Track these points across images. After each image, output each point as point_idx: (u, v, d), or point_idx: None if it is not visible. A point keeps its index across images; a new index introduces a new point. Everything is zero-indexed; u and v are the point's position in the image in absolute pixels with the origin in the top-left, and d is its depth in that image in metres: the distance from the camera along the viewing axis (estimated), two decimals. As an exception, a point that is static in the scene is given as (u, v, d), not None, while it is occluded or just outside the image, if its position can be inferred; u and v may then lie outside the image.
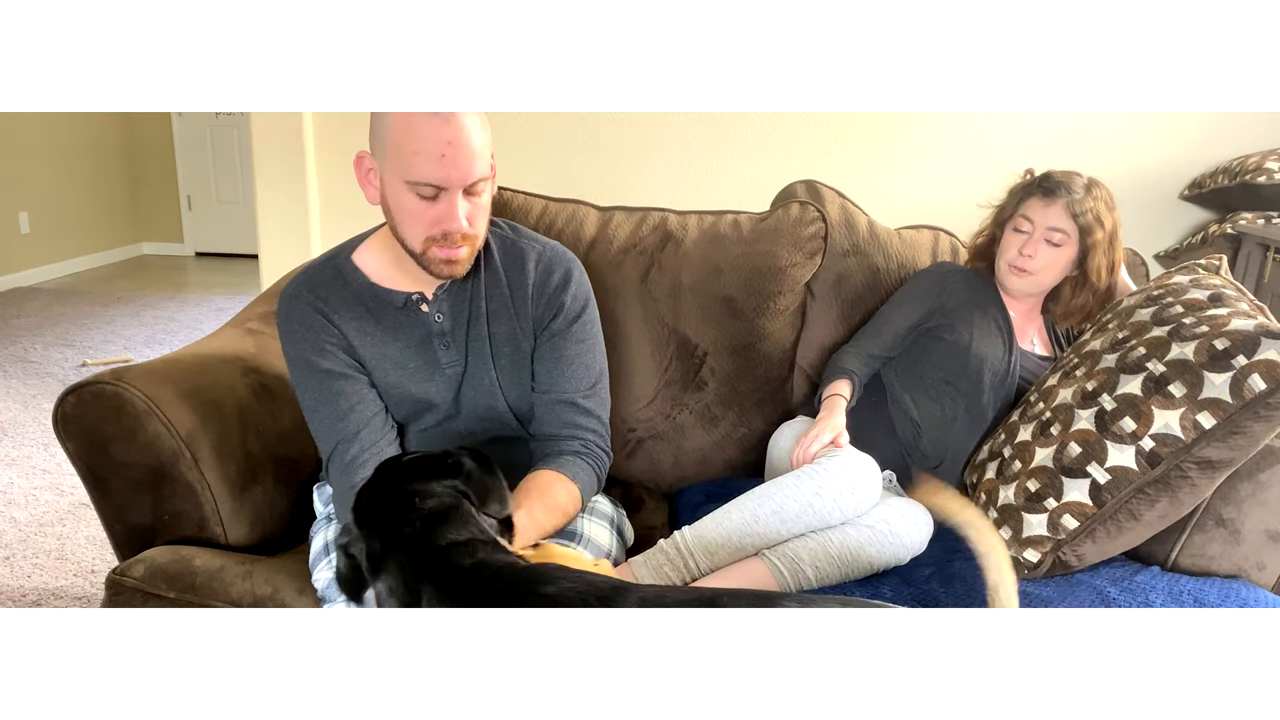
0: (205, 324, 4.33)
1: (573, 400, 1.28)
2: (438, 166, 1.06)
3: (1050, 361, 1.60)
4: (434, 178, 1.07)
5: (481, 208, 1.15)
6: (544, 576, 0.84)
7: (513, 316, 1.27)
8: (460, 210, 1.10)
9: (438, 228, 1.11)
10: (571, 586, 0.82)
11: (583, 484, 1.26)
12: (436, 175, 1.07)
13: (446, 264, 1.15)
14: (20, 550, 2.18)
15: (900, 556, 1.33)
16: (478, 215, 1.14)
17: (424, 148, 1.06)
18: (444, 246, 1.13)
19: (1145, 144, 2.81)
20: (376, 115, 1.11)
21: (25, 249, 5.15)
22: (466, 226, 1.11)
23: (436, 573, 0.85)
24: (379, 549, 0.88)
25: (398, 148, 1.07)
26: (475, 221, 1.14)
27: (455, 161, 1.07)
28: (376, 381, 1.23)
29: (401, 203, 1.11)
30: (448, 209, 1.10)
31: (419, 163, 1.06)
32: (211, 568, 1.18)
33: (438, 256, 1.14)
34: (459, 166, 1.07)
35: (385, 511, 0.90)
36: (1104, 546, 1.28)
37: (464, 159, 1.07)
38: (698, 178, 2.97)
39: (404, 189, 1.09)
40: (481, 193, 1.13)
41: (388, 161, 1.10)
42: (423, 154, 1.06)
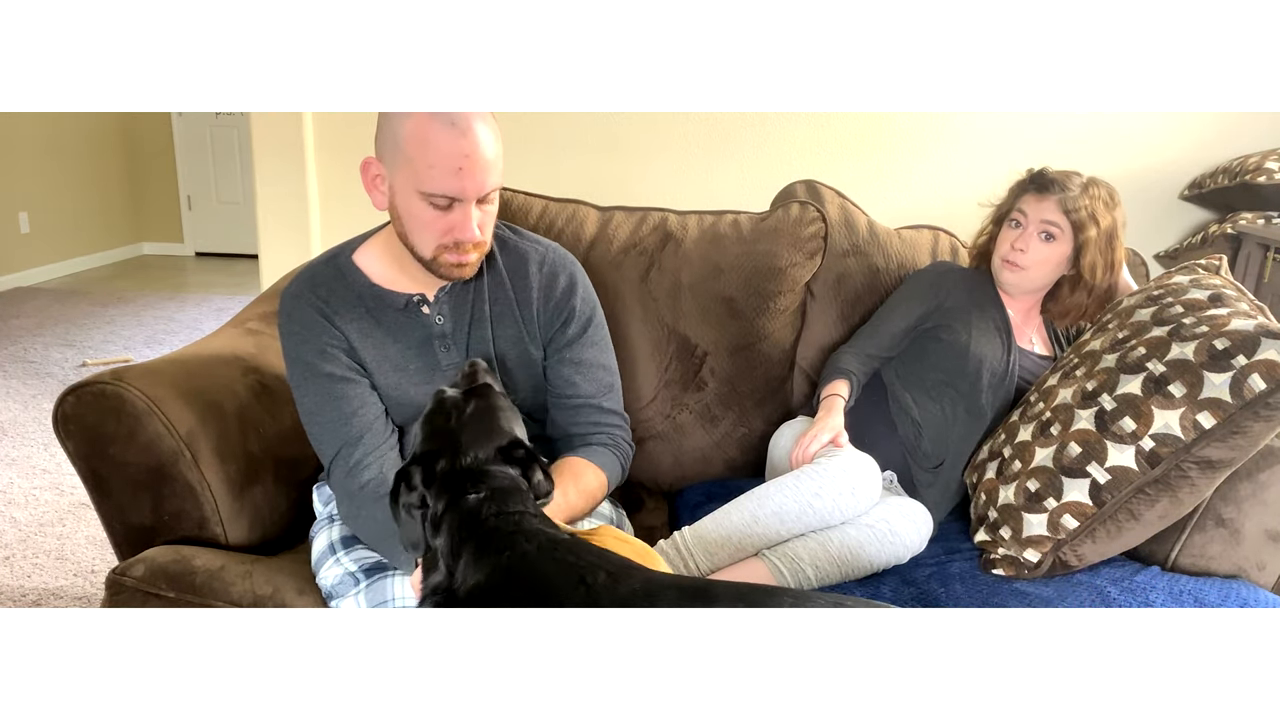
0: (205, 324, 4.33)
1: (596, 404, 1.31)
2: (454, 179, 1.07)
3: (1050, 361, 1.60)
4: (450, 190, 1.08)
5: (490, 215, 1.16)
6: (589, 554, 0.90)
7: (518, 320, 1.27)
8: (474, 220, 1.11)
9: (450, 236, 1.12)
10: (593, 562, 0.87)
11: (610, 472, 1.29)
12: (453, 188, 1.08)
13: (457, 268, 1.16)
14: (20, 550, 2.18)
15: (900, 556, 1.33)
16: (488, 222, 1.16)
17: (440, 160, 1.06)
18: (455, 253, 1.14)
19: (1145, 144, 2.81)
20: (385, 122, 1.10)
21: (25, 249, 5.15)
22: (479, 235, 1.13)
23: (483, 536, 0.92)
24: (441, 510, 0.95)
25: (412, 159, 1.07)
26: (486, 229, 1.15)
27: (472, 174, 1.07)
28: (377, 383, 1.23)
29: (414, 212, 1.12)
30: (462, 219, 1.10)
31: (435, 175, 1.07)
32: (212, 568, 1.18)
33: (449, 261, 1.15)
34: (475, 179, 1.08)
35: (457, 479, 0.96)
36: (1104, 546, 1.28)
37: (480, 171, 1.08)
38: (698, 178, 2.97)
39: (417, 199, 1.10)
40: (493, 200, 1.14)
41: (400, 171, 1.10)
42: (439, 167, 1.06)
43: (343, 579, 1.16)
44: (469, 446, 0.98)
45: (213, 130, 6.07)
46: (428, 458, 0.99)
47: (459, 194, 1.08)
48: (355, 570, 1.16)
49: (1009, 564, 1.32)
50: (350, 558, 1.18)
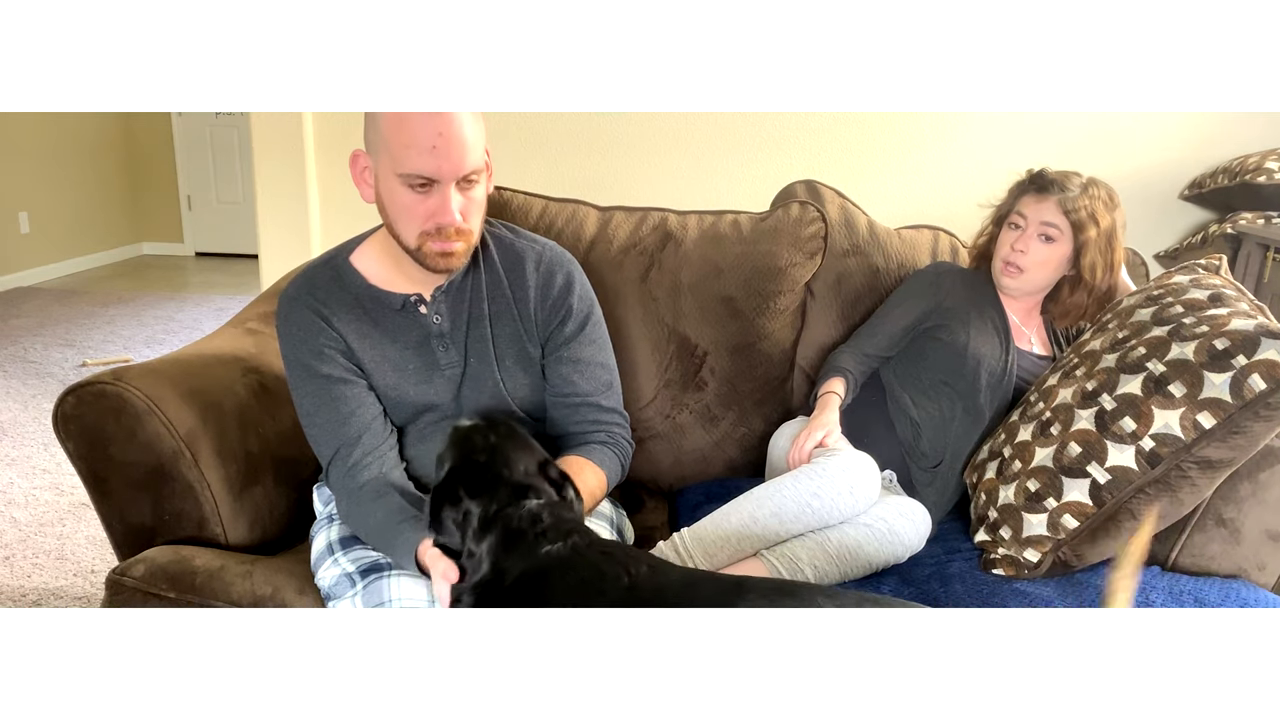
0: (205, 324, 4.33)
1: (595, 402, 1.31)
2: (429, 158, 1.07)
3: (1048, 362, 1.60)
4: (425, 169, 1.07)
5: (476, 203, 1.15)
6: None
7: (516, 318, 1.27)
8: (454, 203, 1.10)
9: (431, 221, 1.11)
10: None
11: (609, 471, 1.28)
12: (428, 167, 1.07)
13: (442, 257, 1.14)
14: (20, 550, 2.18)
15: (898, 555, 1.33)
16: (472, 210, 1.14)
17: (415, 140, 1.06)
18: (438, 240, 1.13)
19: (1145, 144, 2.81)
20: (370, 112, 1.11)
21: (25, 249, 5.15)
22: (460, 220, 1.11)
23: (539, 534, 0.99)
24: (493, 513, 1.01)
25: (389, 141, 1.08)
26: (469, 216, 1.14)
27: (447, 153, 1.07)
28: (375, 384, 1.23)
29: (395, 197, 1.11)
30: (440, 202, 1.10)
31: (410, 155, 1.07)
32: (212, 568, 1.18)
33: (433, 250, 1.13)
34: (450, 158, 1.07)
35: (511, 490, 1.03)
36: (1104, 546, 1.28)
37: (455, 150, 1.07)
38: (698, 178, 2.97)
39: (397, 183, 1.10)
40: (475, 186, 1.13)
41: (381, 157, 1.10)
42: (414, 146, 1.06)
43: (339, 580, 1.16)
44: (517, 461, 1.05)
45: (213, 130, 6.07)
46: (472, 472, 1.04)
47: (435, 173, 1.08)
48: (352, 571, 1.16)
49: (1009, 564, 1.32)
50: (348, 558, 1.18)
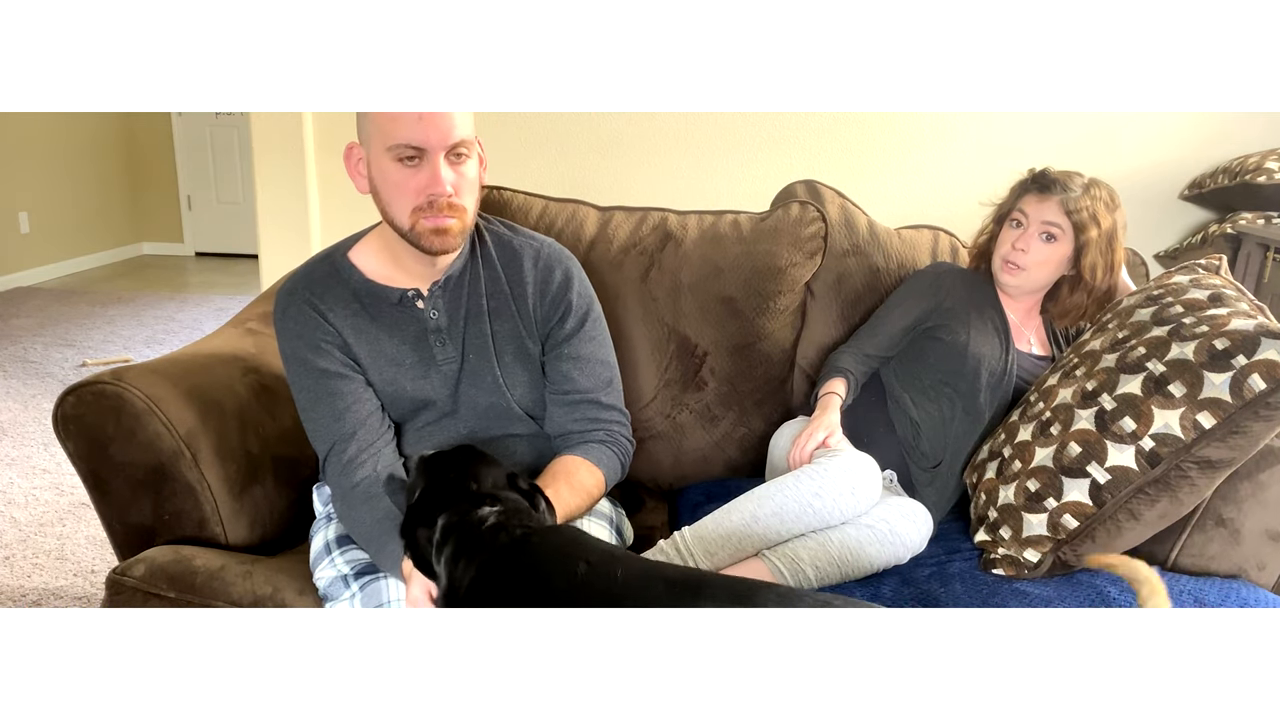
0: (205, 324, 4.33)
1: (595, 399, 1.30)
2: (416, 127, 1.08)
3: (1048, 362, 1.60)
4: (413, 138, 1.08)
5: (468, 180, 1.15)
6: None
7: (514, 315, 1.27)
8: (444, 174, 1.11)
9: (423, 195, 1.12)
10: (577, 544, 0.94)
11: (607, 469, 1.28)
12: (416, 136, 1.08)
13: (436, 234, 1.14)
14: (20, 550, 2.18)
15: (900, 556, 1.33)
16: (464, 186, 1.14)
17: (402, 111, 1.08)
18: (431, 215, 1.13)
19: (1145, 144, 2.81)
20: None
21: (25, 249, 5.15)
22: (451, 191, 1.12)
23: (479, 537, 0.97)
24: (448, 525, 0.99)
25: (378, 119, 1.09)
26: (461, 192, 1.14)
27: (434, 122, 1.08)
28: (372, 379, 1.23)
29: (387, 176, 1.12)
30: (430, 174, 1.11)
31: (398, 126, 1.08)
32: (212, 567, 1.18)
33: (426, 228, 1.13)
34: (438, 127, 1.08)
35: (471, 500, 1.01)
36: (1104, 546, 1.28)
37: (443, 119, 1.09)
38: (698, 178, 2.97)
39: (388, 160, 1.11)
40: (465, 161, 1.14)
41: (372, 140, 1.12)
42: (401, 117, 1.08)
43: (334, 581, 1.16)
44: (485, 477, 1.04)
45: (213, 130, 6.07)
46: (440, 490, 1.03)
47: (423, 142, 1.09)
48: (348, 574, 1.16)
49: (1009, 564, 1.32)
50: (344, 558, 1.18)
